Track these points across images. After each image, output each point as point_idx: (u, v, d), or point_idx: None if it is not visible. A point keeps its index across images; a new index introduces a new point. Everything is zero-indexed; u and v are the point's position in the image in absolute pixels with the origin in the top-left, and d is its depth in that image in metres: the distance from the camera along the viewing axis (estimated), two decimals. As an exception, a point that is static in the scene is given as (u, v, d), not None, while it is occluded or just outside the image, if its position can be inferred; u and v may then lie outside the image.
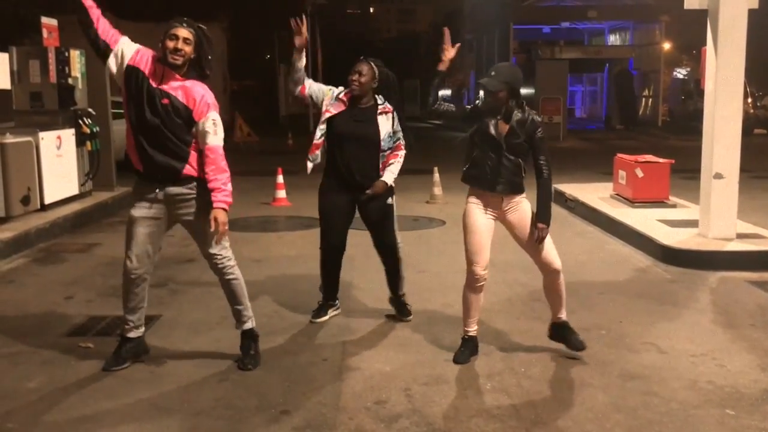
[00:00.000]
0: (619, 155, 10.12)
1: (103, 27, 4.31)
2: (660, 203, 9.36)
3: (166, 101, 4.20)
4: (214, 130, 4.27)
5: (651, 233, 7.74)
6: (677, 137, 25.06)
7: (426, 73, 50.65)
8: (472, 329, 4.71)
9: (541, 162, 4.54)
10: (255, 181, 13.05)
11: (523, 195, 4.63)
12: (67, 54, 9.86)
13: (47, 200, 9.11)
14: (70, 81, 9.88)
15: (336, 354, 4.76)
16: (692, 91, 29.17)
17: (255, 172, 14.51)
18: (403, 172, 5.25)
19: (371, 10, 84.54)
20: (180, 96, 4.23)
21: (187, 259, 7.13)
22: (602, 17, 33.50)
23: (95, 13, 4.29)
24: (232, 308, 4.61)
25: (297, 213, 10.10)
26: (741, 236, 7.48)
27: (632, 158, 9.69)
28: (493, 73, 4.47)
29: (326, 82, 5.45)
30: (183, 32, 4.20)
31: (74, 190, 9.86)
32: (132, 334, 4.56)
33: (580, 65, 32.91)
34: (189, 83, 4.27)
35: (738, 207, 7.53)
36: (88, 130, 10.13)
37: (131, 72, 4.25)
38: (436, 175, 11.00)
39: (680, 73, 34.22)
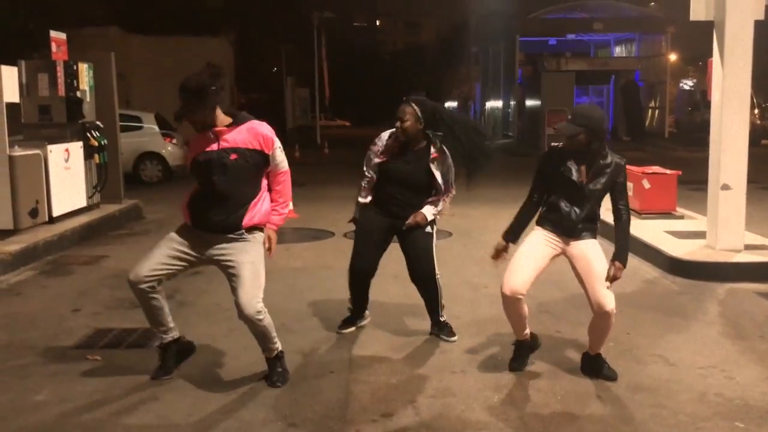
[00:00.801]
0: (626, 166, 10.09)
1: None
2: (667, 214, 9.34)
3: (234, 156, 4.20)
4: (282, 156, 4.45)
5: (658, 245, 7.72)
6: (684, 148, 25.04)
7: (432, 86, 50.84)
8: (521, 336, 4.66)
9: (621, 207, 4.47)
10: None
11: (594, 239, 4.55)
12: (75, 67, 9.92)
13: (55, 213, 9.15)
14: (78, 94, 9.94)
15: (343, 367, 4.75)
16: (699, 103, 29.17)
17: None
18: None
19: (377, 22, 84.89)
20: (244, 143, 4.23)
21: (194, 272, 7.12)
22: (608, 29, 33.57)
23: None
24: (259, 344, 4.47)
25: (304, 225, 10.11)
26: (749, 247, 7.46)
27: (639, 169, 9.68)
28: (569, 117, 4.40)
29: (332, 94, 5.42)
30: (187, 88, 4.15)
31: (82, 203, 9.90)
32: (167, 340, 4.54)
33: (586, 77, 32.92)
34: (242, 128, 4.26)
35: (746, 218, 7.51)
36: (96, 143, 10.18)
37: (194, 162, 4.28)
38: (443, 187, 10.98)
39: (686, 84, 34.22)
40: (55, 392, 4.35)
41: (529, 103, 30.45)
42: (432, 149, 5.05)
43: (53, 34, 10.36)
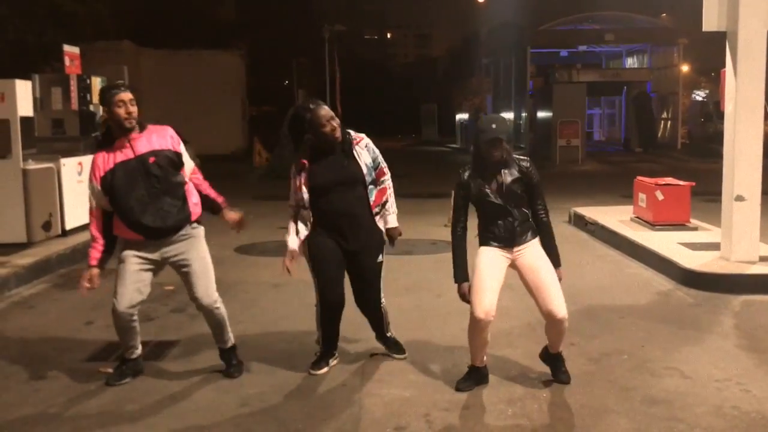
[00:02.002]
0: (639, 178, 10.06)
1: (105, 234, 4.53)
2: (681, 226, 9.28)
3: (152, 159, 4.38)
4: (188, 155, 4.67)
5: (672, 256, 7.67)
6: (697, 160, 24.91)
7: (443, 97, 50.84)
8: (478, 362, 4.63)
9: (539, 206, 4.51)
10: (272, 205, 13.08)
11: (536, 238, 4.55)
12: (88, 81, 9.99)
13: (68, 226, 9.19)
14: (91, 108, 10.00)
15: (355, 379, 4.73)
16: (711, 114, 29.06)
17: (273, 196, 14.55)
18: (420, 195, 5.16)
19: (388, 35, 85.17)
20: (157, 145, 4.45)
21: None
22: (619, 40, 33.50)
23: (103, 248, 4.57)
24: (215, 336, 4.81)
25: (315, 237, 10.11)
26: (764, 259, 7.39)
27: (652, 181, 9.63)
28: (494, 126, 4.38)
29: (343, 107, 5.32)
30: (128, 95, 4.40)
31: (95, 216, 9.93)
32: (132, 356, 4.78)
33: (597, 88, 32.84)
34: (149, 130, 4.50)
35: (760, 229, 7.45)
36: (108, 156, 10.22)
37: (106, 178, 4.37)
38: (455, 199, 10.95)
39: (699, 95, 34.12)
40: (67, 405, 4.35)
41: (541, 114, 30.43)
42: (353, 139, 4.71)
43: (67, 48, 10.44)
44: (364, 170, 4.69)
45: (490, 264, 4.45)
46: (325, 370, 4.88)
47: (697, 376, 4.74)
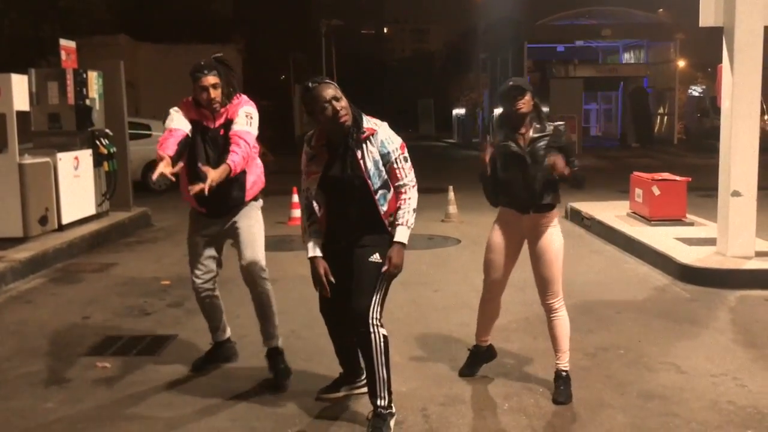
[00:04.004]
0: (636, 173, 10.08)
1: (171, 149, 4.22)
2: (677, 221, 9.30)
3: (222, 132, 4.39)
4: (246, 121, 4.36)
5: (669, 252, 7.68)
6: (693, 155, 24.95)
7: (440, 93, 50.88)
8: (479, 339, 4.71)
9: (572, 161, 4.33)
10: (270, 200, 13.02)
11: (555, 221, 4.49)
12: (84, 75, 9.96)
13: (65, 220, 9.17)
14: (87, 102, 9.97)
15: (352, 374, 4.72)
16: (708, 109, 29.11)
17: (270, 191, 14.47)
18: (418, 190, 4.77)
19: (385, 30, 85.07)
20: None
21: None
22: (616, 36, 33.56)
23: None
24: (261, 323, 4.68)
25: (312, 232, 10.11)
26: (760, 254, 7.40)
27: (649, 176, 9.64)
28: (510, 84, 4.34)
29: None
30: (210, 80, 4.30)
31: (91, 211, 9.92)
32: (220, 338, 4.89)
33: (594, 83, 32.89)
34: (231, 107, 4.44)
35: (756, 225, 7.47)
36: (105, 151, 10.21)
37: (193, 125, 4.41)
38: (451, 194, 10.99)
39: (695, 90, 34.17)
40: (65, 399, 4.35)
41: (538, 109, 30.49)
42: (364, 129, 3.86)
43: (63, 42, 10.41)
44: (370, 171, 3.83)
45: (499, 243, 4.48)
46: (336, 395, 4.29)
47: (693, 371, 4.76)
